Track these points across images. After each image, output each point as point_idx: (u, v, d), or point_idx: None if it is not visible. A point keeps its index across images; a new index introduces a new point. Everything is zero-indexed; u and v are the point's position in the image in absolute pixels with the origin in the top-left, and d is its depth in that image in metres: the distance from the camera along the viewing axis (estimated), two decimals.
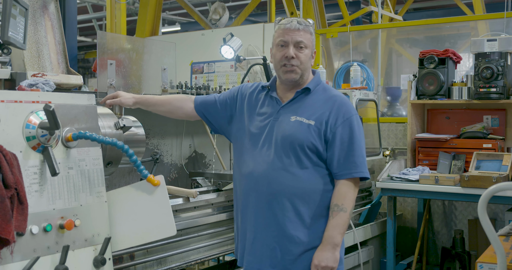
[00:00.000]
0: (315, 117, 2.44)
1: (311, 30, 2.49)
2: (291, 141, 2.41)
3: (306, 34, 2.46)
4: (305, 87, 2.50)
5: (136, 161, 2.25)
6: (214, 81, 5.72)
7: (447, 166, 4.47)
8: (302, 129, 2.42)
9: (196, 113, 2.69)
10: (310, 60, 2.51)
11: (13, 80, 2.41)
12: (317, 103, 2.48)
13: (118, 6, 7.67)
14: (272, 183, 2.42)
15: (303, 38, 2.45)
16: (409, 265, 4.81)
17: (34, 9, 2.73)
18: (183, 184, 3.85)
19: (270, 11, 7.77)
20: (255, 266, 2.49)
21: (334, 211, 2.40)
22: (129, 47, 3.45)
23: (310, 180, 2.43)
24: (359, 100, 4.76)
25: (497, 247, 1.88)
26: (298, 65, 2.45)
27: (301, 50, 2.45)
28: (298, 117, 2.45)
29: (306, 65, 2.48)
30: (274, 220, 2.43)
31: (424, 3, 13.23)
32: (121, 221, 2.27)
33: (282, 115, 2.48)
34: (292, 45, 2.44)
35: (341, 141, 2.42)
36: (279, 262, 2.44)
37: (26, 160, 1.97)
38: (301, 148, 2.41)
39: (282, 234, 2.43)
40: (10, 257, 1.86)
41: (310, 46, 2.49)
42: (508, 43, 4.42)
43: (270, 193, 2.43)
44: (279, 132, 2.45)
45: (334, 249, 2.38)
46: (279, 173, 2.42)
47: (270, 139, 2.46)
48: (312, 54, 2.52)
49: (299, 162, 2.42)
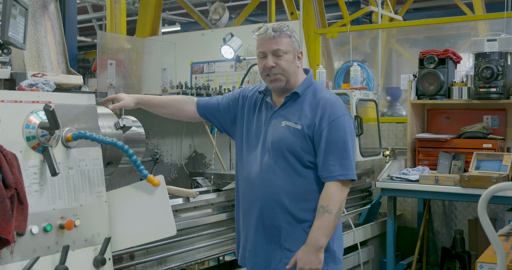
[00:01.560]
0: (302, 121, 2.44)
1: (288, 33, 2.46)
2: (280, 146, 2.44)
3: (283, 39, 2.44)
4: (294, 91, 2.50)
5: (136, 161, 2.25)
6: (214, 81, 5.72)
7: (447, 166, 4.47)
8: (290, 134, 2.44)
9: (199, 116, 2.71)
10: (294, 63, 2.49)
11: (13, 80, 2.42)
12: (305, 106, 2.48)
13: (118, 6, 7.67)
14: (265, 186, 2.45)
15: (279, 45, 2.43)
16: (409, 265, 4.81)
17: (34, 9, 2.73)
18: (183, 184, 3.85)
19: (270, 11, 7.77)
20: (255, 267, 2.52)
21: (320, 213, 2.39)
22: (129, 47, 3.45)
23: (304, 183, 2.44)
24: (359, 100, 4.76)
25: (497, 247, 1.88)
26: (281, 72, 2.45)
27: (280, 57, 2.44)
28: (287, 122, 2.47)
29: (289, 70, 2.47)
30: (270, 222, 2.46)
31: (424, 3, 13.23)
32: (121, 221, 2.27)
33: (274, 120, 2.51)
34: (271, 54, 2.44)
35: (326, 143, 2.40)
36: (278, 265, 2.46)
37: (26, 160, 1.97)
38: (290, 152, 2.43)
39: (279, 237, 2.46)
40: (10, 257, 1.86)
41: (290, 50, 2.46)
42: (508, 43, 4.41)
43: (264, 197, 2.46)
44: (270, 137, 2.48)
45: (318, 251, 2.37)
46: (273, 177, 2.45)
47: (264, 144, 2.49)
48: (295, 57, 2.49)
49: (290, 166, 2.43)
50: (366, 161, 4.92)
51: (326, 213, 2.37)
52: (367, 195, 4.87)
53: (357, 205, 4.69)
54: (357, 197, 4.75)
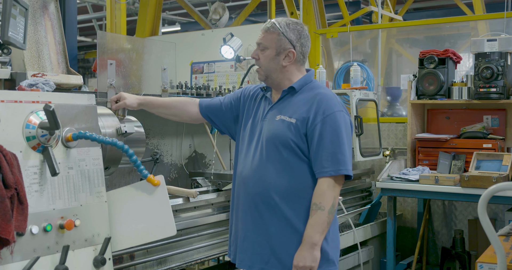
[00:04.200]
0: (296, 115, 2.44)
1: (278, 30, 2.47)
2: (274, 140, 2.44)
3: (269, 35, 2.47)
4: (290, 86, 2.51)
5: (136, 161, 2.25)
6: (214, 81, 5.71)
7: (447, 166, 4.47)
8: (283, 128, 2.44)
9: (201, 117, 2.72)
10: (275, 61, 2.48)
11: (13, 80, 2.42)
12: (300, 101, 2.48)
13: (118, 6, 7.66)
14: (258, 182, 2.45)
15: (262, 40, 2.49)
16: (409, 265, 4.81)
17: (34, 9, 2.73)
18: (183, 184, 3.85)
19: (270, 11, 7.76)
20: (247, 263, 2.51)
21: (313, 210, 2.38)
22: (129, 47, 3.45)
23: (296, 179, 2.43)
24: (359, 100, 4.76)
25: (497, 247, 1.88)
26: (260, 65, 2.51)
27: (262, 52, 2.49)
28: (282, 116, 2.47)
29: (267, 66, 2.49)
30: (261, 219, 2.45)
31: (424, 3, 13.23)
32: (121, 221, 2.27)
33: (269, 114, 2.52)
34: (257, 46, 2.51)
35: (319, 138, 2.38)
36: (269, 260, 2.45)
37: (26, 160, 1.97)
38: (283, 146, 2.42)
39: (270, 233, 2.44)
40: (10, 257, 1.86)
41: (272, 47, 2.47)
42: (508, 43, 4.42)
43: (256, 192, 2.45)
44: (265, 131, 2.48)
45: (312, 248, 2.36)
46: (264, 173, 2.44)
47: (259, 139, 2.50)
48: (278, 54, 2.48)
49: (283, 160, 2.43)
50: (366, 161, 4.92)
51: (319, 210, 2.36)
52: (367, 195, 4.87)
53: (357, 205, 4.69)
54: (357, 197, 4.75)
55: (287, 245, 2.42)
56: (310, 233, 2.36)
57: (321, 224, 2.36)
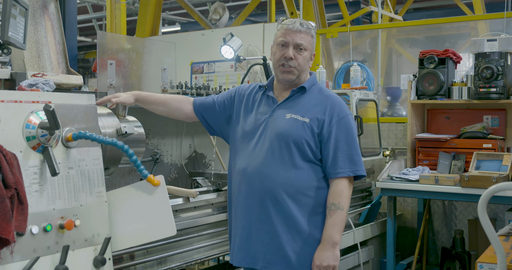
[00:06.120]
0: (310, 115, 2.47)
1: (312, 33, 2.53)
2: (286, 137, 2.45)
3: (307, 37, 2.50)
4: (301, 86, 2.54)
5: (136, 161, 2.25)
6: (214, 81, 5.71)
7: (447, 166, 4.47)
8: (297, 126, 2.46)
9: (195, 115, 2.71)
10: (308, 62, 2.55)
11: (13, 80, 2.42)
12: (312, 101, 2.52)
13: (118, 6, 7.67)
14: (265, 179, 2.45)
15: (303, 40, 2.49)
16: (409, 265, 4.81)
17: (34, 9, 2.73)
18: (183, 184, 3.85)
19: (270, 11, 7.77)
20: (249, 261, 2.50)
21: (331, 210, 2.42)
22: (129, 47, 3.45)
23: (303, 177, 2.45)
24: (359, 100, 4.76)
25: (497, 247, 1.88)
26: (296, 66, 2.50)
27: (301, 52, 2.50)
28: (293, 114, 2.49)
29: (304, 67, 2.53)
30: (266, 216, 2.45)
31: (424, 3, 13.23)
32: (121, 221, 2.27)
33: (277, 112, 2.52)
34: (292, 46, 2.48)
35: (336, 139, 2.45)
36: (273, 258, 2.45)
37: (26, 160, 1.97)
38: (295, 144, 2.44)
39: (275, 231, 2.44)
40: (10, 257, 1.86)
41: (309, 49, 2.53)
42: (508, 43, 4.42)
43: (263, 190, 2.45)
44: (274, 129, 2.48)
45: (333, 247, 2.41)
46: (272, 170, 2.44)
47: (265, 136, 2.50)
48: (311, 56, 2.56)
49: (292, 159, 2.44)
50: (366, 161, 4.92)
51: (338, 210, 2.41)
52: (367, 195, 4.87)
53: (357, 205, 4.68)
54: (357, 197, 4.75)
55: (292, 242, 2.43)
56: (331, 233, 2.41)
57: (340, 224, 2.42)
